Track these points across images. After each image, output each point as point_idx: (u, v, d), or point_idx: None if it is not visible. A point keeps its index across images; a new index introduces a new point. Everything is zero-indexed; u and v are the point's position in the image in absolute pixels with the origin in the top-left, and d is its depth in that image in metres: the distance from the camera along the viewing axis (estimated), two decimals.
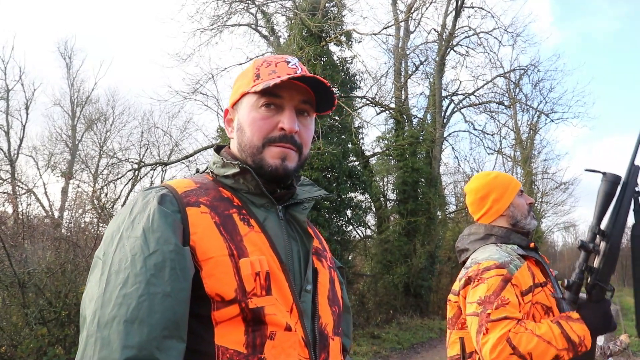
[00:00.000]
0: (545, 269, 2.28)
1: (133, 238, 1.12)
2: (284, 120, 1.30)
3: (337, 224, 14.90)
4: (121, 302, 1.04)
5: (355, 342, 12.54)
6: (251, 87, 1.32)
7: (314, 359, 1.24)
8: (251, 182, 1.30)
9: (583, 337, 2.00)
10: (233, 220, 1.23)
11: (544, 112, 25.15)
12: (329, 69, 15.02)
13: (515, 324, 2.02)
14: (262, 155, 1.30)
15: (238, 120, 1.36)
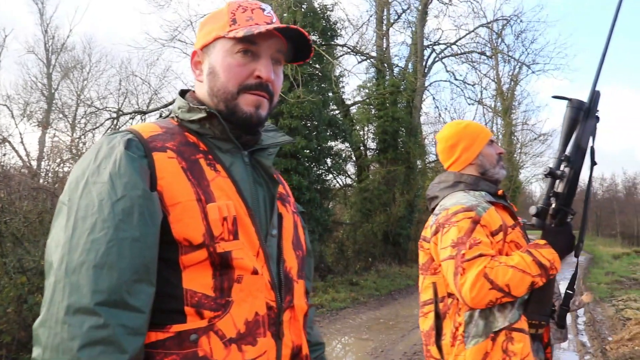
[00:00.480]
0: (513, 213, 2.33)
1: (100, 183, 1.11)
2: (261, 68, 1.30)
3: (316, 172, 14.93)
4: (89, 247, 1.05)
5: (334, 289, 12.77)
6: (228, 31, 1.29)
7: (279, 301, 1.27)
8: (217, 127, 1.30)
9: (553, 260, 2.10)
10: (200, 165, 1.23)
11: (525, 64, 25.18)
12: (310, 16, 14.77)
13: (490, 259, 2.07)
14: (236, 102, 1.30)
15: (210, 64, 1.33)
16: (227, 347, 1.15)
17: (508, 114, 27.62)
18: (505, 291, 2.04)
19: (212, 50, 1.33)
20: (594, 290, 14.73)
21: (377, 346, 7.93)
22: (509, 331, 2.10)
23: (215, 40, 1.32)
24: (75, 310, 1.02)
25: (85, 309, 1.02)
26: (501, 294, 2.04)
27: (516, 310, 2.13)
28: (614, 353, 7.29)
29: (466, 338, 2.16)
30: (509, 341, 2.10)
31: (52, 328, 1.02)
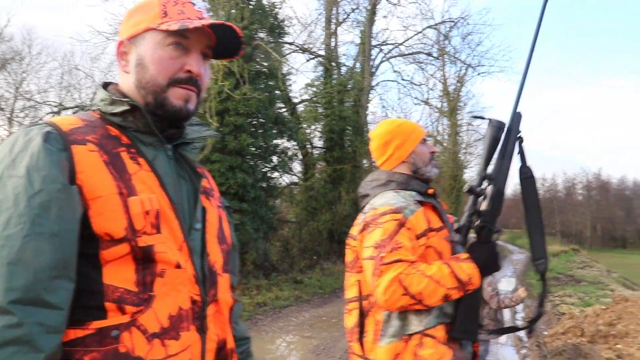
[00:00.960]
0: (441, 215, 2.35)
1: (15, 177, 1.06)
2: (192, 62, 1.29)
3: (262, 170, 14.88)
4: (3, 243, 1.01)
5: (278, 288, 12.76)
6: (159, 24, 1.27)
7: (203, 295, 1.25)
8: (140, 120, 1.27)
9: (471, 275, 2.11)
10: (121, 158, 1.20)
11: (471, 65, 25.73)
12: (258, 13, 14.71)
13: (407, 266, 2.08)
14: (165, 95, 1.28)
15: (139, 55, 1.29)
16: (149, 342, 1.13)
17: (454, 114, 28.13)
18: (417, 299, 2.06)
19: (141, 41, 1.30)
20: (532, 287, 15.18)
21: (319, 344, 7.95)
22: (423, 336, 2.13)
23: (145, 31, 1.30)
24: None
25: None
26: (413, 301, 2.07)
27: (433, 317, 2.15)
28: (549, 346, 7.52)
29: (381, 336, 2.18)
30: (421, 346, 2.12)
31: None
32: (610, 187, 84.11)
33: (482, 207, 2.17)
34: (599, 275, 19.38)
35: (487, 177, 2.15)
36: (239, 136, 13.22)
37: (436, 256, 2.21)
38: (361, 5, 21.14)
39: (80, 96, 21.05)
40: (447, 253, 2.25)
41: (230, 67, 12.93)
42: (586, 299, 12.46)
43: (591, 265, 24.19)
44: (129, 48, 1.32)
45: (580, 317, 8.51)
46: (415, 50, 23.59)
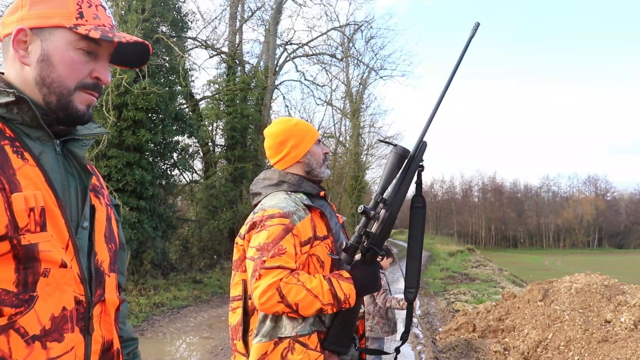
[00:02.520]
0: (328, 222, 2.36)
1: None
2: (102, 70, 1.28)
3: (161, 167, 14.52)
4: None
5: (177, 287, 12.53)
6: (75, 24, 1.23)
7: (89, 296, 1.22)
8: (27, 113, 1.20)
9: (349, 295, 2.15)
10: (5, 152, 1.13)
11: (373, 69, 26.30)
12: (160, 5, 14.34)
13: (288, 274, 2.11)
14: (71, 98, 1.25)
15: (45, 51, 1.23)
16: (29, 345, 1.08)
17: (356, 116, 28.64)
18: (294, 309, 2.09)
19: (48, 36, 1.24)
20: (429, 285, 15.74)
21: (217, 344, 7.87)
22: (294, 341, 2.15)
23: (55, 27, 1.24)
24: None
25: None
26: (289, 309, 2.09)
27: (309, 324, 2.18)
28: (443, 342, 7.80)
29: (255, 334, 2.21)
30: (290, 350, 2.15)
31: None
32: (504, 189, 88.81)
33: (372, 229, 2.19)
34: (491, 274, 20.42)
35: (383, 201, 2.18)
36: (137, 132, 12.82)
37: (318, 265, 2.25)
38: (267, 3, 21.14)
39: None
40: (329, 264, 2.27)
41: None
42: (479, 296, 13.10)
43: (485, 264, 25.47)
44: (30, 38, 1.24)
45: (472, 313, 8.90)
46: (319, 52, 23.82)
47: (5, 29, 1.26)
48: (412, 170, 2.20)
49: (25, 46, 1.24)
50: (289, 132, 2.44)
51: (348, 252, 2.20)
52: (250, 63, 21.31)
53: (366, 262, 2.20)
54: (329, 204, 2.50)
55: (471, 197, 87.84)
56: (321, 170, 2.44)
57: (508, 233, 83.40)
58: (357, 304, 2.20)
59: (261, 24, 21.98)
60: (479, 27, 2.24)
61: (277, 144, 2.46)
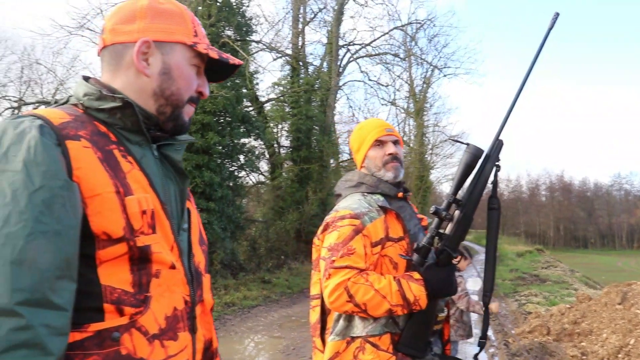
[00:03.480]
0: (404, 225, 2.31)
1: (11, 172, 1.00)
2: (205, 86, 1.36)
3: (229, 169, 14.76)
4: (4, 242, 0.95)
5: (246, 287, 12.68)
6: (193, 42, 1.30)
7: (193, 296, 1.26)
8: (130, 118, 1.22)
9: (418, 297, 2.11)
10: (115, 156, 1.16)
11: (437, 67, 26.02)
12: (225, 10, 14.58)
13: (356, 273, 2.12)
14: (182, 110, 1.31)
15: (166, 64, 1.28)
16: (150, 344, 1.12)
17: (420, 115, 28.39)
18: (362, 308, 2.10)
19: (169, 50, 1.29)
20: (497, 286, 15.38)
21: (289, 344, 7.91)
22: (364, 341, 2.16)
23: (176, 42, 1.29)
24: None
25: (3, 310, 0.92)
26: (358, 309, 2.10)
27: (380, 325, 2.17)
28: (516, 345, 7.59)
29: (330, 332, 2.25)
30: (361, 350, 2.15)
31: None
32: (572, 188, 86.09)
33: (446, 231, 2.15)
34: (562, 275, 19.83)
35: (456, 202, 2.12)
36: (205, 134, 13.08)
37: (391, 266, 2.23)
38: (328, 5, 21.19)
39: (41, 91, 20.58)
40: (404, 265, 2.24)
41: None
42: (551, 298, 12.72)
43: (555, 265, 24.76)
44: (152, 51, 1.27)
45: (546, 315, 8.65)
46: (382, 51, 23.76)
47: (119, 36, 1.27)
48: (489, 170, 2.13)
49: (146, 57, 1.27)
50: (353, 137, 2.52)
51: (420, 253, 2.16)
52: (314, 64, 21.46)
53: (440, 264, 2.16)
54: (410, 205, 2.46)
55: (538, 196, 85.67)
56: (380, 173, 2.39)
57: (578, 233, 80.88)
58: (431, 307, 2.16)
59: (323, 25, 22.08)
60: (558, 18, 2.13)
61: (350, 148, 2.55)
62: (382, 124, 2.47)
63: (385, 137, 2.42)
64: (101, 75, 1.33)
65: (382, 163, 2.39)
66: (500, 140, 2.15)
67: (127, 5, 1.31)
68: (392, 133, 2.44)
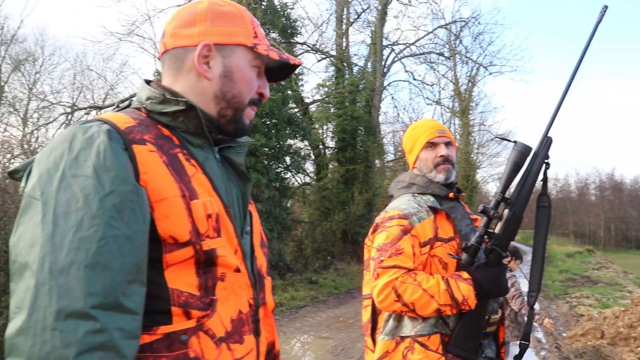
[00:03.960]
0: (455, 225, 2.30)
1: (82, 177, 1.02)
2: (265, 87, 1.36)
3: (275, 170, 14.86)
4: (78, 246, 0.97)
5: (293, 288, 12.75)
6: (254, 44, 1.30)
7: (256, 299, 1.27)
8: (193, 121, 1.23)
9: (467, 297, 2.10)
10: (179, 160, 1.18)
11: (482, 65, 25.63)
12: (270, 13, 14.70)
13: (404, 273, 2.13)
14: (243, 113, 1.31)
15: (227, 66, 1.28)
16: (218, 347, 1.13)
17: (465, 114, 28.04)
18: (410, 308, 2.11)
19: (229, 53, 1.29)
20: (548, 287, 15.09)
21: (337, 344, 7.92)
22: (413, 341, 2.16)
23: (236, 45, 1.30)
24: (67, 315, 0.93)
25: (79, 313, 0.94)
26: (406, 308, 2.11)
27: (429, 325, 2.17)
28: (568, 348, 7.45)
29: (381, 332, 2.26)
30: (410, 350, 2.16)
31: (39, 336, 0.93)
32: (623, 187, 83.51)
33: (495, 230, 2.12)
34: (615, 276, 19.28)
35: (505, 200, 2.10)
36: (252, 136, 13.21)
37: (441, 266, 2.22)
38: (372, 5, 21.12)
39: (93, 96, 21.18)
40: (453, 265, 2.23)
41: None
42: (603, 300, 12.40)
43: (606, 266, 24.08)
44: (213, 54, 1.28)
45: (599, 318, 8.46)
46: (426, 50, 23.53)
47: (179, 40, 1.29)
48: (538, 167, 2.10)
49: (207, 60, 1.28)
50: (405, 138, 2.53)
51: (468, 252, 2.15)
52: (359, 65, 21.41)
53: (489, 264, 2.14)
54: (462, 205, 2.45)
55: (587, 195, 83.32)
56: (432, 175, 2.39)
57: (630, 233, 78.27)
58: (481, 307, 2.15)
59: (367, 25, 21.98)
60: (606, 11, 2.09)
61: (403, 148, 2.55)
62: (435, 125, 2.46)
63: (437, 139, 2.41)
64: (163, 78, 1.33)
65: (434, 165, 2.39)
66: (549, 137, 2.13)
67: (187, 8, 1.32)
68: (445, 135, 2.43)
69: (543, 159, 2.11)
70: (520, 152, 2.09)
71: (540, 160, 2.10)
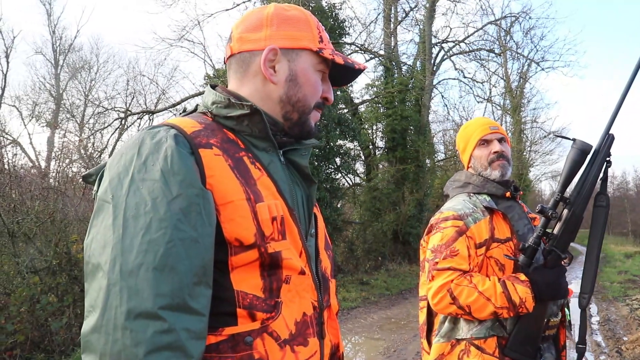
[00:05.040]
0: (511, 226, 2.26)
1: (150, 181, 1.05)
2: (330, 91, 1.37)
3: (326, 171, 14.89)
4: (146, 248, 1.00)
5: (345, 289, 12.74)
6: (319, 48, 1.31)
7: (320, 301, 1.27)
8: (257, 125, 1.25)
9: (524, 299, 2.05)
10: (245, 163, 1.20)
11: (534, 61, 25.08)
12: (318, 14, 14.74)
13: (459, 275, 2.10)
14: (309, 116, 1.33)
15: (292, 71, 1.30)
16: (282, 349, 1.14)
17: (517, 111, 27.47)
18: (466, 311, 2.08)
19: (295, 57, 1.31)
20: (606, 288, 14.64)
21: (389, 346, 7.88)
22: (469, 344, 2.13)
23: (301, 49, 1.31)
24: (136, 315, 0.97)
25: (148, 314, 0.97)
26: (462, 311, 2.09)
27: (485, 328, 2.13)
28: (630, 353, 7.21)
29: (436, 334, 2.25)
30: (466, 353, 2.13)
31: (111, 334, 0.97)
32: None
33: (554, 230, 2.07)
34: None
35: (564, 200, 2.04)
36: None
37: (497, 268, 2.18)
38: (420, 3, 20.94)
39: (145, 101, 21.71)
40: (510, 266, 2.18)
41: None
42: None
43: None
44: (278, 58, 1.30)
45: None
46: (476, 47, 23.17)
47: (246, 45, 1.31)
48: (598, 166, 2.04)
49: (272, 64, 1.30)
50: (458, 137, 2.50)
51: (525, 253, 2.09)
52: (407, 64, 21.24)
53: (548, 266, 2.08)
54: (520, 204, 2.40)
55: None
56: (487, 172, 2.36)
57: None
58: (540, 310, 2.09)
59: (415, 24, 21.80)
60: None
61: (457, 148, 2.53)
62: (487, 122, 2.44)
63: (490, 136, 2.39)
64: (228, 82, 1.36)
65: (488, 162, 2.36)
66: (610, 134, 2.05)
67: (254, 13, 1.35)
68: (497, 131, 2.40)
69: (604, 157, 2.05)
70: (580, 150, 2.03)
71: (601, 159, 2.05)
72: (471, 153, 2.40)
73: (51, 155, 14.48)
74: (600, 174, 2.05)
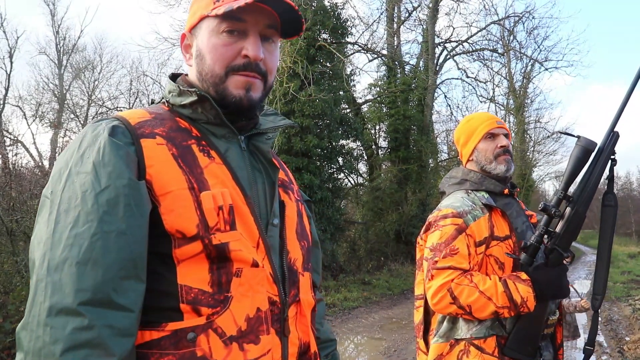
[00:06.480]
0: (511, 223, 2.23)
1: (83, 174, 1.04)
2: (248, 46, 1.20)
3: (328, 171, 14.90)
4: (72, 242, 0.98)
5: (346, 289, 12.73)
6: (211, 9, 1.20)
7: (283, 296, 1.20)
8: (210, 112, 1.22)
9: (526, 298, 2.02)
10: (192, 151, 1.15)
11: (538, 61, 24.98)
12: (320, 14, 14.71)
13: (459, 274, 2.06)
14: (225, 85, 1.21)
15: (197, 46, 1.24)
16: (227, 346, 1.08)
17: (520, 111, 27.38)
18: (467, 310, 2.04)
19: (198, 31, 1.25)
20: (610, 289, 14.58)
21: (390, 346, 7.86)
22: (469, 344, 2.10)
23: (200, 20, 1.24)
24: (57, 311, 0.94)
25: (68, 310, 0.94)
26: (462, 311, 2.05)
27: (485, 328, 2.10)
28: (632, 353, 7.18)
29: (434, 334, 2.21)
30: (465, 353, 2.10)
31: (34, 331, 0.95)
32: None
33: (556, 229, 2.04)
34: None
35: (567, 198, 2.01)
36: (304, 137, 13.29)
37: (497, 266, 2.15)
38: (423, 3, 20.89)
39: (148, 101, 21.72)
40: (510, 265, 2.15)
41: (295, 68, 13.04)
42: None
43: None
44: (191, 40, 1.28)
45: None
46: (479, 47, 23.10)
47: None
48: (603, 163, 2.01)
49: (190, 49, 1.29)
50: (460, 130, 2.44)
51: (527, 252, 2.07)
52: (410, 64, 21.23)
53: (550, 264, 2.05)
54: (518, 201, 2.37)
55: None
56: (492, 166, 2.31)
57: None
58: (540, 309, 2.06)
59: (418, 24, 21.76)
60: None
61: (456, 143, 2.48)
62: (493, 117, 2.41)
63: (497, 130, 2.36)
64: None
65: (494, 155, 2.32)
66: (615, 132, 2.03)
67: None
68: (503, 126, 2.38)
69: (609, 155, 2.02)
70: (584, 147, 2.00)
71: (605, 157, 2.02)
72: (475, 146, 2.36)
73: (54, 155, 14.48)
74: (604, 172, 2.03)
